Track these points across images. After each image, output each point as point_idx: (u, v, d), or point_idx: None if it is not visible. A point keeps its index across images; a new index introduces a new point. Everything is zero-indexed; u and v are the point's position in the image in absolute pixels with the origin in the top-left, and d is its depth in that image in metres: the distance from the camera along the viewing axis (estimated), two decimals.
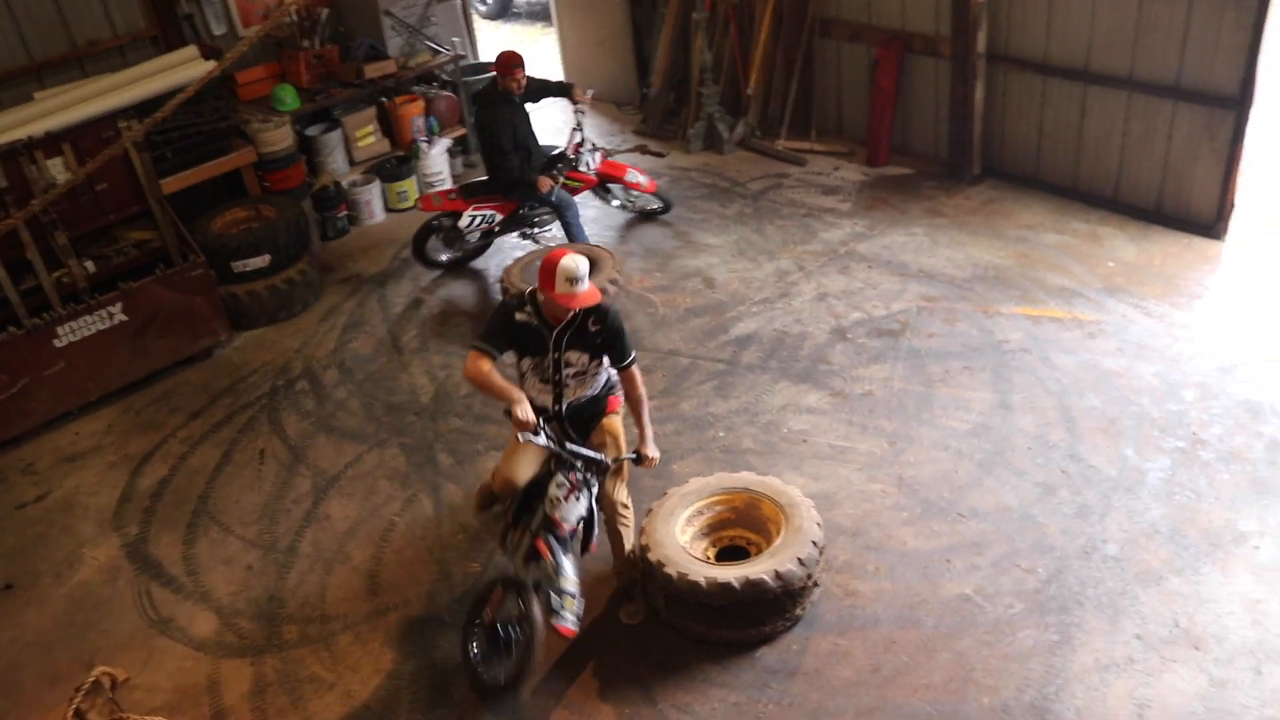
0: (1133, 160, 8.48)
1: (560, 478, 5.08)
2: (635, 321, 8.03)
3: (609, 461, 5.23)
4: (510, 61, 8.15)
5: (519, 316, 5.13)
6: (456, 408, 7.34)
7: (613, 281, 7.86)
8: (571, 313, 5.07)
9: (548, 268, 4.90)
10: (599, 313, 5.16)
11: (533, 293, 5.15)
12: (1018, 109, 9.05)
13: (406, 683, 5.40)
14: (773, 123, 10.59)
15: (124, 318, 7.61)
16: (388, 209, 10.16)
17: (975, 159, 9.35)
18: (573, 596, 4.99)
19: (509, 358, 5.26)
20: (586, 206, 9.70)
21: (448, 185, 10.40)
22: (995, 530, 5.86)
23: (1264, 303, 7.40)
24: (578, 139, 8.71)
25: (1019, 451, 6.37)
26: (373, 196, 10.00)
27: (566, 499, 5.04)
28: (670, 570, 5.10)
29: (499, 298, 8.24)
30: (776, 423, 6.82)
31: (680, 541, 5.33)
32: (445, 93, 10.57)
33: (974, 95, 9.05)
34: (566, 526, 5.05)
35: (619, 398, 5.49)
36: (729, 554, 5.57)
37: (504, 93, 8.22)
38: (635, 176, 9.05)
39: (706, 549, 5.57)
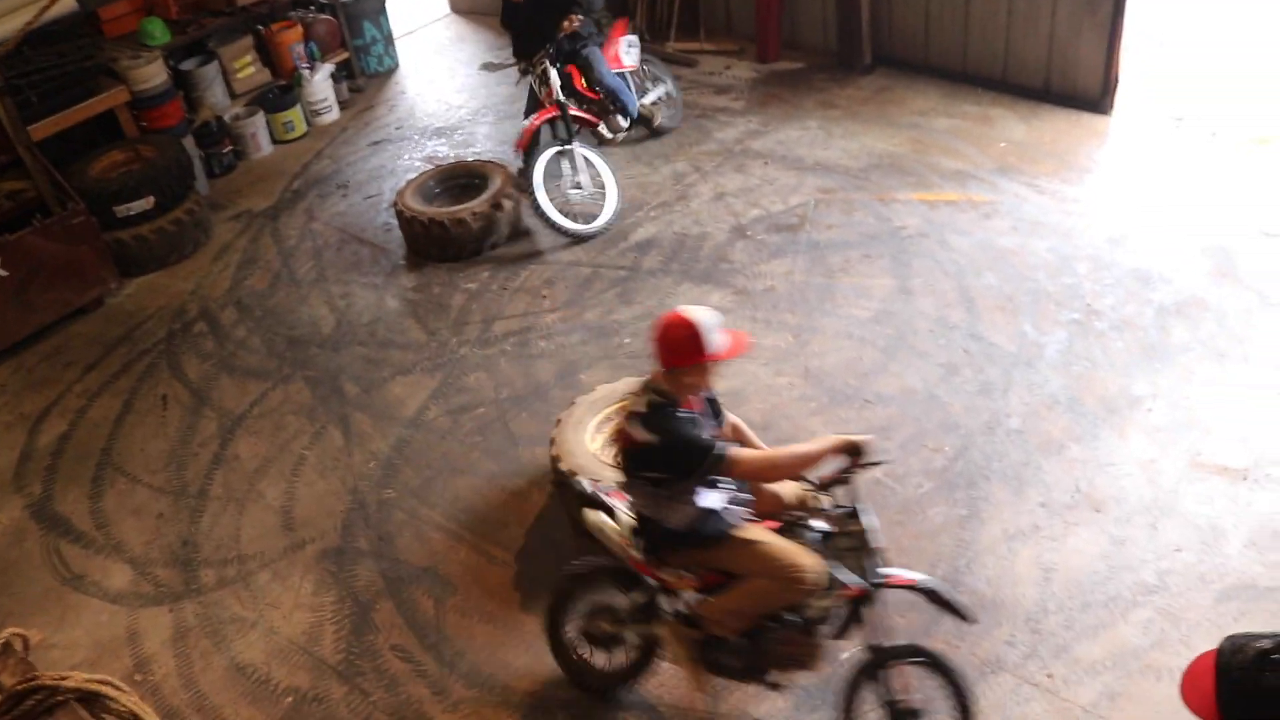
0: (1019, 40, 8.53)
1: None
2: (534, 236, 7.95)
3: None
4: None
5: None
6: (359, 336, 7.22)
7: (507, 196, 7.76)
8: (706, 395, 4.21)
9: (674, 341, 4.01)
10: None
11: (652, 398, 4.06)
12: None
13: (329, 614, 5.38)
14: (661, 25, 10.43)
15: (3, 273, 7.31)
16: (274, 140, 9.85)
17: (865, 49, 9.32)
18: None
19: None
20: (499, 121, 9.55)
21: (335, 112, 10.15)
22: (901, 413, 5.96)
23: (1150, 174, 7.55)
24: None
25: (921, 334, 6.47)
26: (257, 129, 9.68)
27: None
28: (582, 479, 5.10)
29: (393, 221, 8.08)
30: None
31: (590, 449, 5.33)
32: (324, 16, 10.23)
33: None
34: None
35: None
36: None
37: None
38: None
39: (618, 455, 5.58)
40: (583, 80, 8.25)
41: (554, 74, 7.97)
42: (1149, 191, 7.34)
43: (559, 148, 7.87)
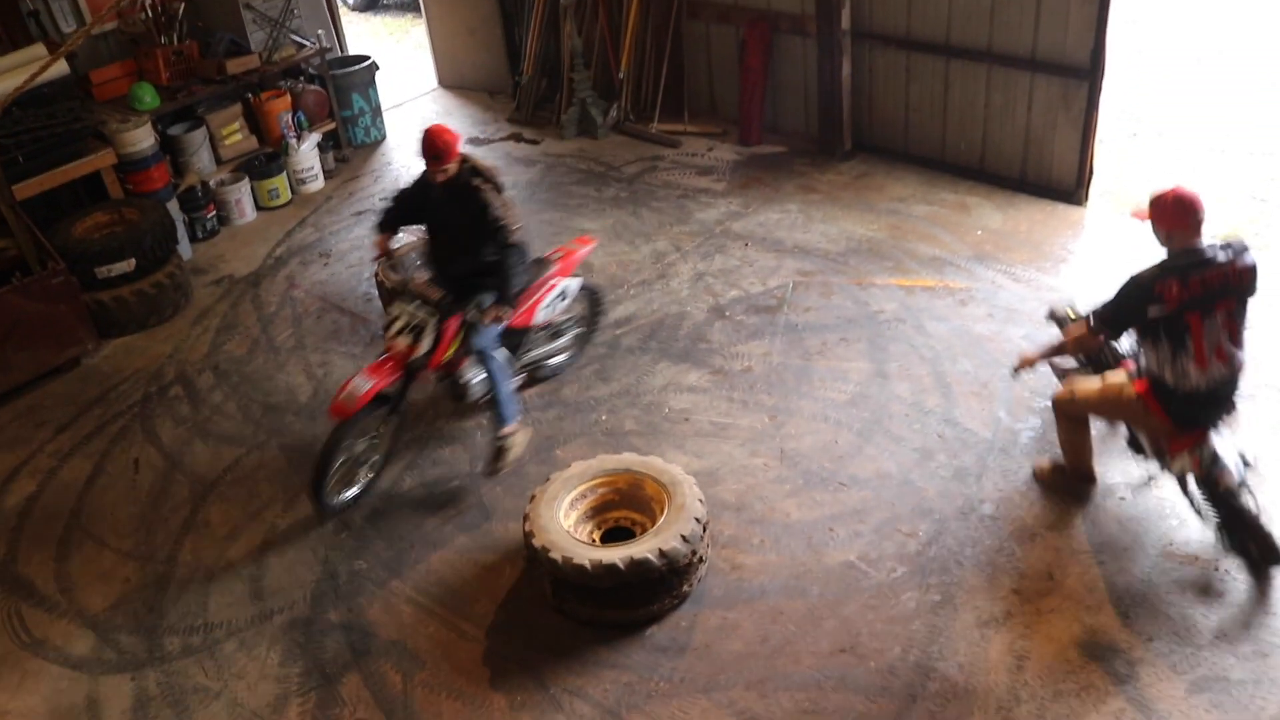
0: (996, 131, 8.72)
1: None
2: None
3: None
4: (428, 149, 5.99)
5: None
6: None
7: None
8: None
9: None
10: None
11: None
12: (884, 84, 9.22)
13: (295, 685, 5.30)
14: (646, 106, 10.62)
15: None
16: (258, 207, 9.90)
17: (845, 135, 9.50)
18: None
19: None
20: None
21: (320, 181, 10.22)
22: (876, 497, 5.98)
23: (1123, 265, 7.60)
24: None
25: (896, 419, 6.51)
26: (242, 195, 9.74)
27: None
28: (555, 555, 5.09)
29: (374, 291, 8.11)
30: (658, 403, 6.85)
31: (564, 525, 5.32)
32: (313, 87, 10.36)
33: (841, 72, 9.19)
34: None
35: None
36: (615, 535, 5.58)
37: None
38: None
39: (592, 531, 5.57)
40: (455, 350, 6.28)
41: (431, 327, 6.07)
42: (1121, 282, 7.44)
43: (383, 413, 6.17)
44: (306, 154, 10.06)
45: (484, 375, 6.33)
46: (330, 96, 10.46)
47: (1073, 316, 5.86)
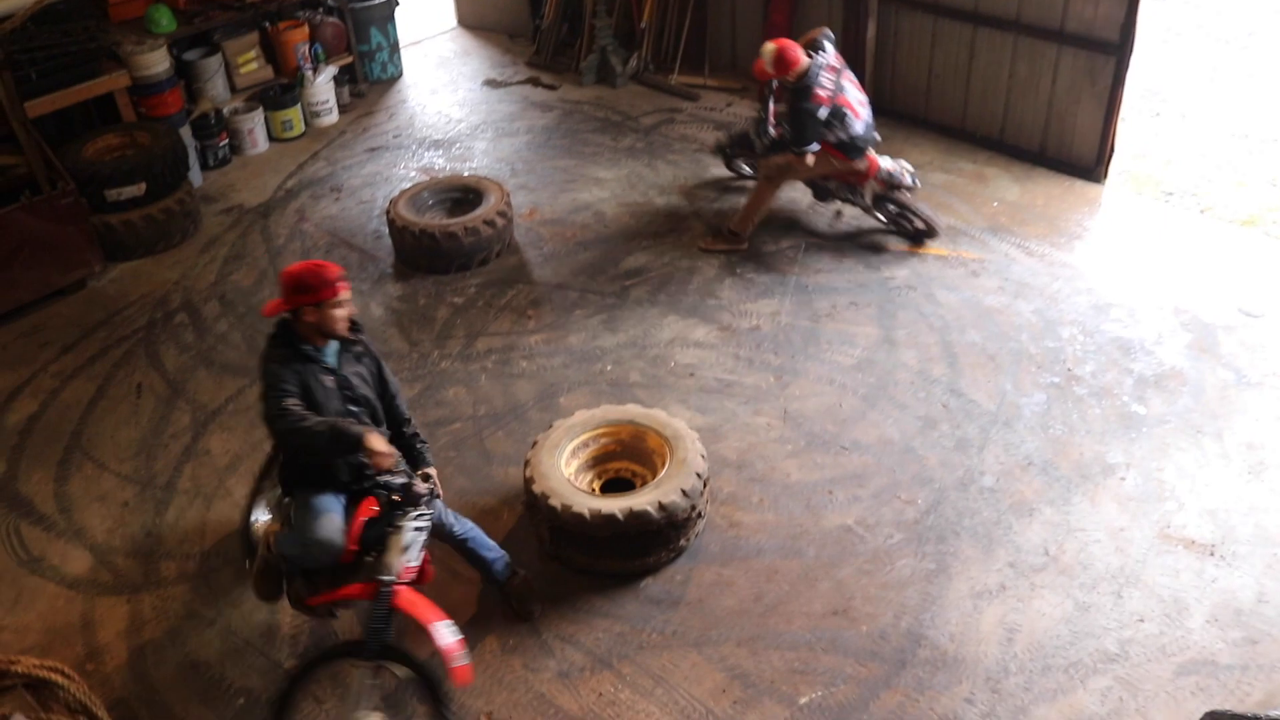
0: (1018, 103, 8.63)
1: None
2: (524, 255, 7.96)
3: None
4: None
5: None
6: None
7: (501, 214, 7.77)
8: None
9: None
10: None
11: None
12: (909, 48, 9.11)
13: (289, 616, 5.32)
14: (666, 57, 10.51)
15: None
16: (271, 138, 9.83)
17: None
18: None
19: None
20: (498, 138, 9.58)
21: (335, 115, 10.14)
22: (877, 463, 5.98)
23: (1138, 246, 7.63)
24: None
25: (902, 386, 6.50)
26: (255, 125, 9.66)
27: None
28: (555, 502, 5.10)
29: (385, 229, 8.07)
30: (664, 356, 6.84)
31: (565, 474, 5.32)
32: (332, 19, 10.24)
33: (866, 33, 9.08)
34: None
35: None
36: (614, 486, 5.59)
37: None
38: None
39: (592, 481, 5.58)
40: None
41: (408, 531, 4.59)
42: (1136, 263, 7.42)
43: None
44: (322, 87, 9.97)
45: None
46: (348, 30, 10.34)
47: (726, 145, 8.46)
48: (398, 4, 10.81)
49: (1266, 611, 5.04)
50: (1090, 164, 8.39)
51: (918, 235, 7.75)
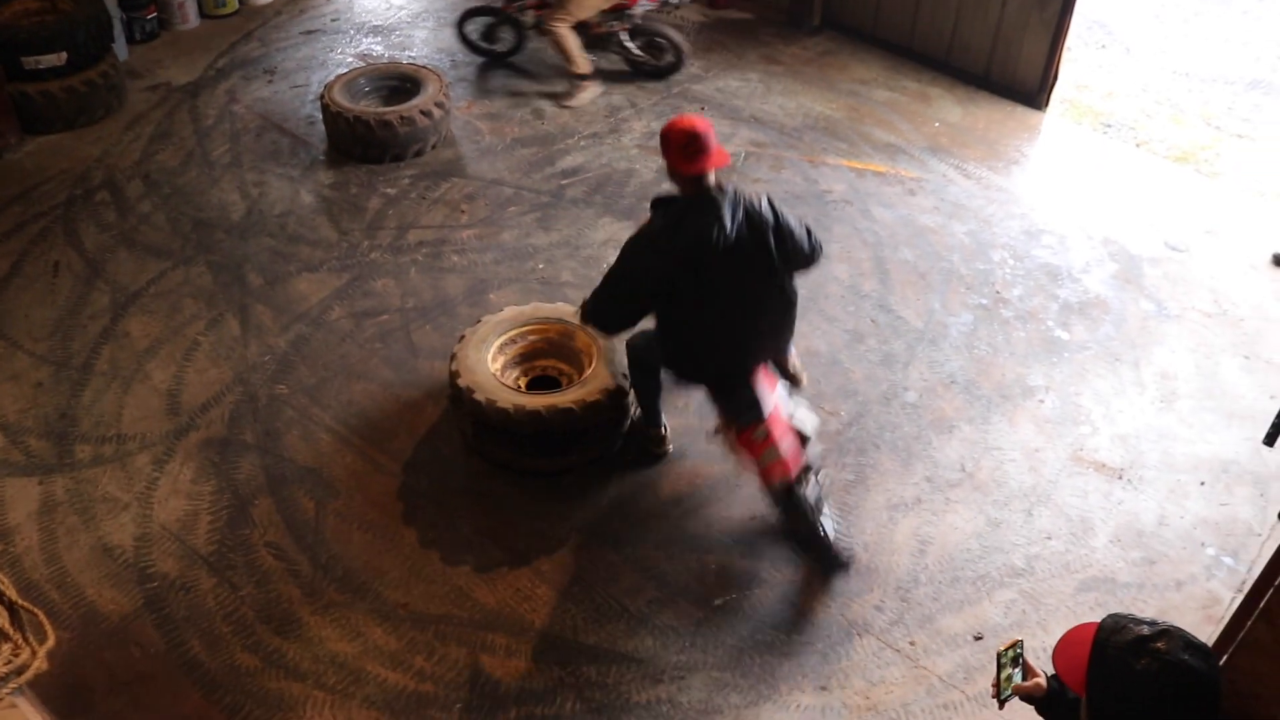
0: (966, 25, 8.57)
1: None
2: (460, 149, 7.81)
3: None
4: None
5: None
6: (269, 227, 7.03)
7: (439, 105, 7.59)
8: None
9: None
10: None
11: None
12: None
13: (206, 504, 5.28)
14: None
15: None
16: (203, 14, 9.44)
17: (816, 10, 9.28)
18: None
19: None
20: (439, 28, 9.32)
21: None
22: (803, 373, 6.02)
23: (1073, 175, 7.69)
24: None
25: (832, 299, 6.53)
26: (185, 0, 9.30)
27: None
28: (479, 397, 5.06)
29: (318, 114, 7.85)
30: (597, 258, 6.78)
31: (491, 369, 5.29)
32: None
33: None
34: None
35: None
36: (540, 384, 5.57)
37: None
38: None
39: (518, 378, 5.56)
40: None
41: None
42: (1070, 192, 7.48)
43: None
44: None
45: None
46: None
47: None
48: None
49: (1166, 534, 5.21)
50: (1033, 91, 8.40)
51: (669, 68, 8.23)
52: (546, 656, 4.65)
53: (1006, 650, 3.09)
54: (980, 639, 4.73)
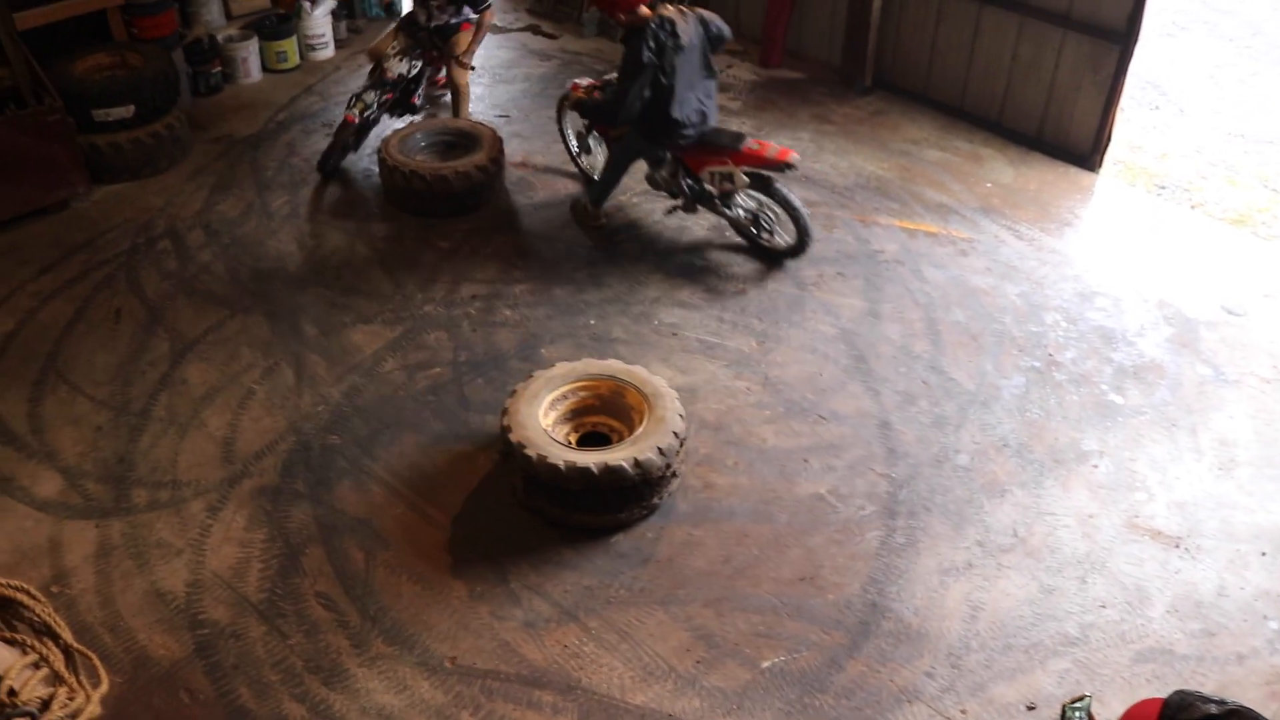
0: (1019, 85, 8.60)
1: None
2: (514, 202, 7.91)
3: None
4: None
5: None
6: (325, 278, 7.14)
7: (493, 160, 7.71)
8: None
9: None
10: None
11: None
12: (913, 23, 9.05)
13: (258, 551, 5.32)
14: None
15: None
16: (265, 69, 9.69)
17: (868, 70, 9.35)
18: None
19: None
20: (494, 84, 9.48)
21: (330, 50, 10.00)
22: (854, 434, 6.00)
23: (1128, 237, 7.64)
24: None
25: (883, 359, 6.51)
26: (250, 54, 9.52)
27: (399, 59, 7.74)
28: (530, 452, 5.09)
29: (375, 168, 8.00)
30: (648, 314, 6.82)
31: (542, 424, 5.32)
32: None
33: (872, 5, 9.01)
34: (390, 75, 7.93)
35: (470, 25, 8.33)
36: (591, 440, 5.59)
37: None
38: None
39: (569, 434, 5.58)
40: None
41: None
42: (1124, 253, 7.44)
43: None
44: (319, 20, 9.83)
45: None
46: None
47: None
48: None
49: (1226, 606, 5.10)
50: (1086, 152, 8.39)
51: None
52: (593, 716, 4.63)
53: (1073, 704, 3.03)
54: (1033, 709, 4.65)
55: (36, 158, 7.44)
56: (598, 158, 7.99)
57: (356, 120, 8.04)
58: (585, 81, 7.55)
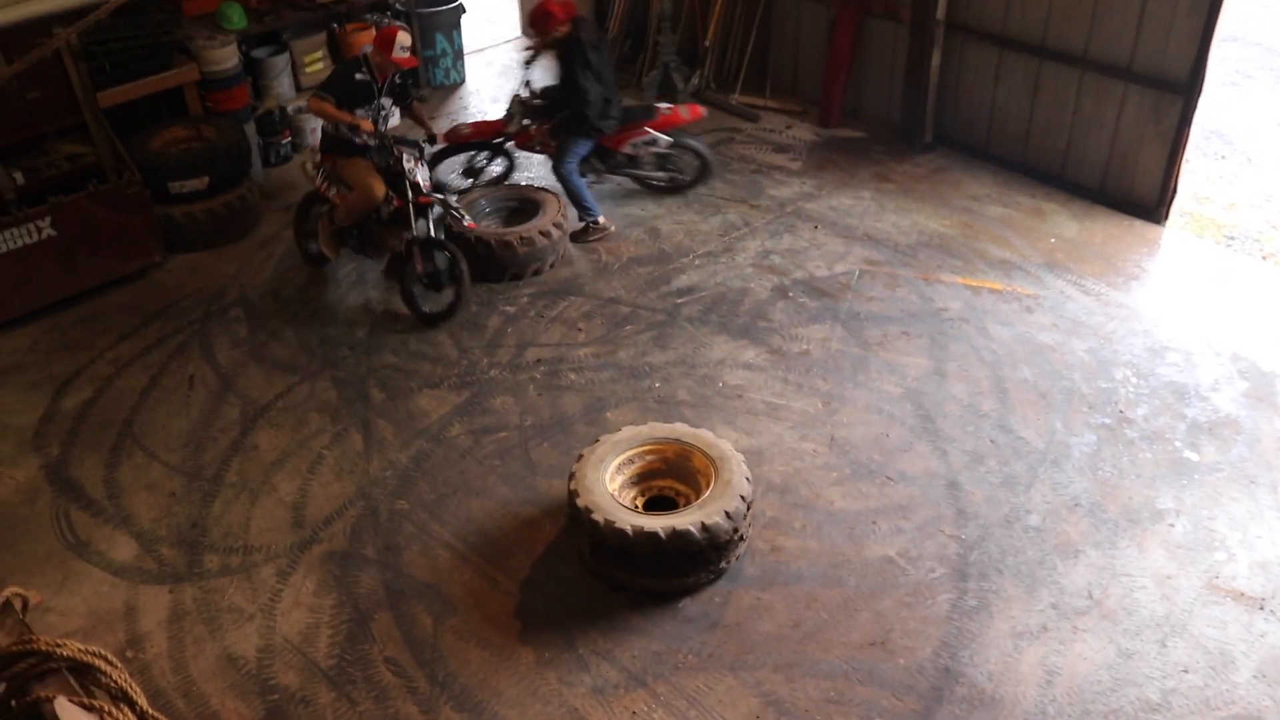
0: (1081, 139, 8.55)
1: (406, 155, 7.23)
2: (577, 267, 7.99)
3: (423, 141, 7.82)
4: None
5: (358, 76, 7.27)
6: (391, 344, 7.25)
7: (556, 225, 7.80)
8: (396, 70, 7.36)
9: (386, 37, 7.11)
10: (408, 72, 7.81)
11: (366, 58, 7.33)
12: (973, 80, 9.06)
13: (327, 616, 5.37)
14: (728, 76, 10.52)
15: (52, 233, 7.37)
16: None
17: (927, 127, 9.36)
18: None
19: None
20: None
21: (396, 119, 10.15)
22: (922, 495, 5.93)
23: (1197, 290, 7.53)
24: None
25: (950, 419, 6.45)
26: (318, 124, 9.74)
27: (417, 165, 7.28)
28: (598, 517, 5.10)
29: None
30: (713, 376, 6.83)
31: (609, 489, 5.33)
32: (398, 23, 10.32)
33: (930, 63, 9.05)
34: (425, 184, 7.29)
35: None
36: (657, 504, 5.59)
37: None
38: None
39: (635, 498, 5.58)
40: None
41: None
42: (1194, 307, 7.32)
43: None
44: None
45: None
46: (414, 34, 10.44)
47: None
48: (464, 11, 10.91)
49: None
50: (1151, 204, 8.30)
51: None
52: None
53: None
54: None
55: (116, 229, 7.69)
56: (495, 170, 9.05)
57: None
58: (469, 124, 8.91)
